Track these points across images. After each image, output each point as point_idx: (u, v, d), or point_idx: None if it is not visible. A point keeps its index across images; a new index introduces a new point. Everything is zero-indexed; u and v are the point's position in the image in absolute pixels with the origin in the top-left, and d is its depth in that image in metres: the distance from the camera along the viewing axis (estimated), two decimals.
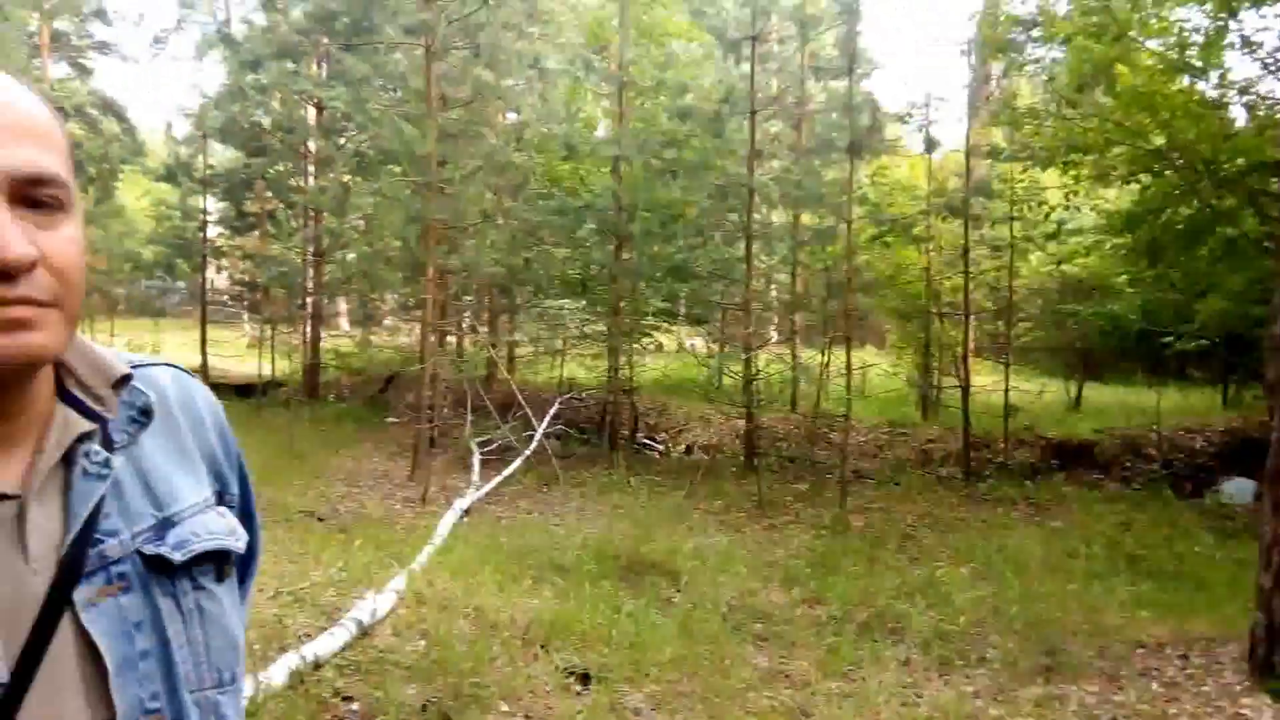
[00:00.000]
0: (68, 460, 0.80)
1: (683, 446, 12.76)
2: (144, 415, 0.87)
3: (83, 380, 0.84)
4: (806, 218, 13.24)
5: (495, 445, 10.63)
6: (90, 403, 0.83)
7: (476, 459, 9.98)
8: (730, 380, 12.04)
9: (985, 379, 12.07)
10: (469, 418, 11.57)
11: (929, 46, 48.88)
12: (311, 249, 15.95)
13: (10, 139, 0.72)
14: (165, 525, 0.85)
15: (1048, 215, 11.33)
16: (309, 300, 16.49)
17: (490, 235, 12.55)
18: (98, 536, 0.80)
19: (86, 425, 0.82)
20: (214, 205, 19.81)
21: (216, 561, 0.89)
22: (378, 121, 12.04)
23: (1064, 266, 13.21)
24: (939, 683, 4.76)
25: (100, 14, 27.99)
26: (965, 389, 10.92)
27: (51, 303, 0.73)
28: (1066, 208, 11.03)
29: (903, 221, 11.71)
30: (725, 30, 11.82)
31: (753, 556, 7.25)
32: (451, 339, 14.31)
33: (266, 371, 15.48)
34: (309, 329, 16.59)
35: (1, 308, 0.70)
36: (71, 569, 0.78)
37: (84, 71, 28.78)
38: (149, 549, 0.83)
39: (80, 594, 0.78)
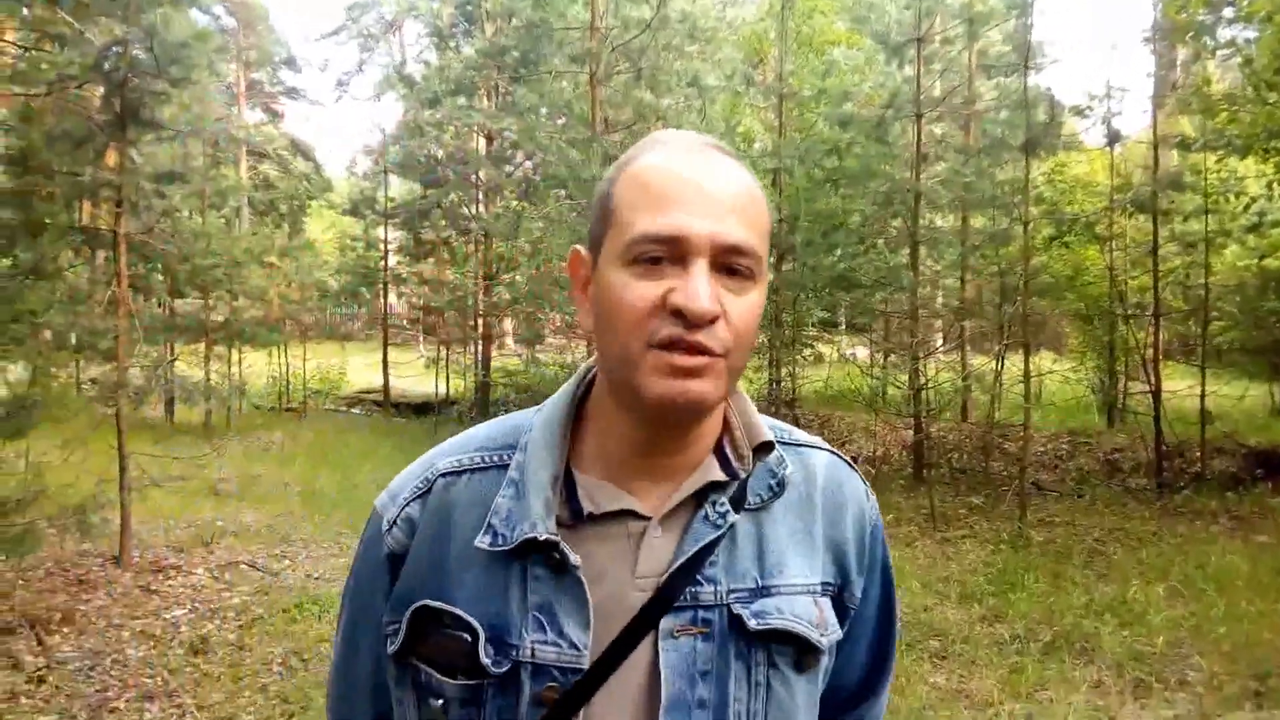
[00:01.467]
0: (698, 501, 0.91)
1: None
2: (778, 486, 0.94)
3: (735, 438, 0.95)
4: (977, 220, 12.76)
5: None
6: (733, 459, 0.94)
7: None
8: (896, 390, 11.73)
9: (1177, 383, 11.25)
10: None
11: (1107, 35, 46.07)
12: (482, 273, 16.69)
13: (725, 212, 0.84)
14: (760, 593, 0.91)
15: (1247, 207, 10.47)
16: (480, 321, 17.24)
17: None
18: (697, 578, 0.88)
19: (722, 477, 0.91)
20: (393, 235, 21.04)
21: (796, 647, 0.92)
22: (545, 148, 12.49)
23: (1265, 261, 12.16)
24: (1134, 706, 4.48)
25: (290, 62, 30.34)
26: (1156, 394, 10.22)
27: (721, 354, 0.83)
28: (1270, 198, 10.18)
29: (1084, 219, 11.11)
30: (888, 34, 11.56)
31: (925, 572, 7.04)
32: None
33: (441, 390, 16.27)
34: (480, 349, 17.33)
35: (675, 354, 0.82)
36: (665, 597, 0.87)
37: (275, 116, 31.27)
38: (736, 608, 0.89)
39: (666, 623, 0.87)
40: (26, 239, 9.72)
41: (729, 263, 0.84)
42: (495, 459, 0.94)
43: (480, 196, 18.00)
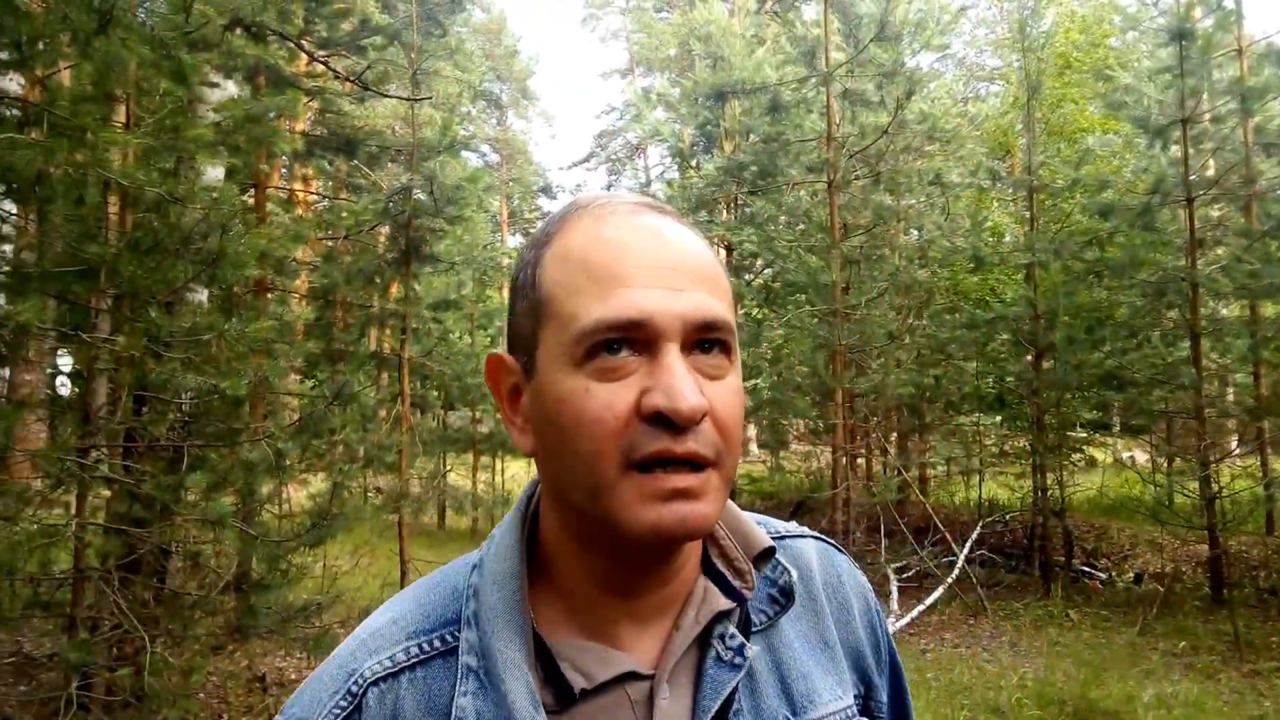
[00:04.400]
0: (702, 640, 0.74)
1: (1129, 575, 11.33)
2: (784, 596, 0.79)
3: (725, 551, 0.78)
4: (1268, 308, 11.48)
5: (913, 572, 10.26)
6: (730, 576, 0.77)
7: (894, 587, 9.68)
8: (1184, 498, 10.56)
9: None
10: (883, 543, 11.32)
11: None
12: None
13: (687, 282, 0.69)
14: None
15: None
16: None
17: (898, 355, 12.47)
18: None
19: (724, 603, 0.75)
20: None
21: None
22: (784, 256, 12.68)
23: None
24: None
25: (546, 190, 32.87)
26: None
27: (714, 461, 0.68)
28: None
29: None
30: (1148, 117, 10.89)
31: (1233, 709, 6.17)
32: (861, 461, 14.24)
33: None
34: None
35: (665, 473, 0.66)
36: None
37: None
38: None
39: None
40: (328, 364, 11.00)
41: (704, 340, 0.69)
42: (437, 644, 0.73)
43: None
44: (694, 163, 18.50)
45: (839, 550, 0.89)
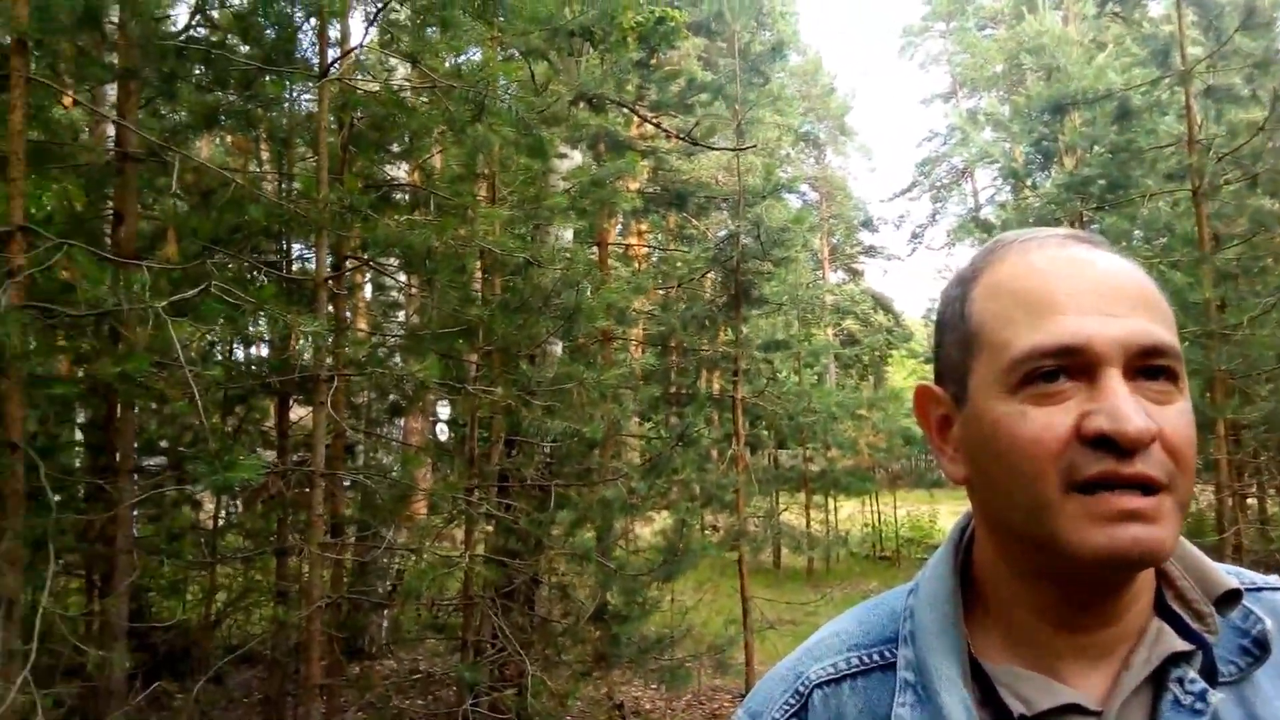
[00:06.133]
0: (1156, 682, 0.70)
1: None
2: (1258, 648, 0.72)
3: (1182, 592, 0.74)
4: None
5: None
6: (1189, 619, 0.72)
7: None
8: None
9: None
10: None
11: None
12: None
13: (1125, 309, 0.68)
14: None
15: None
16: None
17: None
18: None
19: (1182, 645, 0.71)
20: None
21: None
22: (1147, 271, 11.50)
23: None
24: None
25: (867, 224, 32.41)
26: None
27: (1166, 485, 0.65)
28: None
29: None
30: None
31: None
32: (1253, 502, 12.40)
33: None
34: None
35: (1112, 495, 0.64)
36: None
37: (856, 275, 33.32)
38: None
39: None
40: (665, 406, 11.56)
41: (1148, 367, 0.66)
42: (876, 658, 0.77)
43: None
44: (1029, 182, 17.38)
45: None
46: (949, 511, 21.27)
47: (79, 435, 6.41)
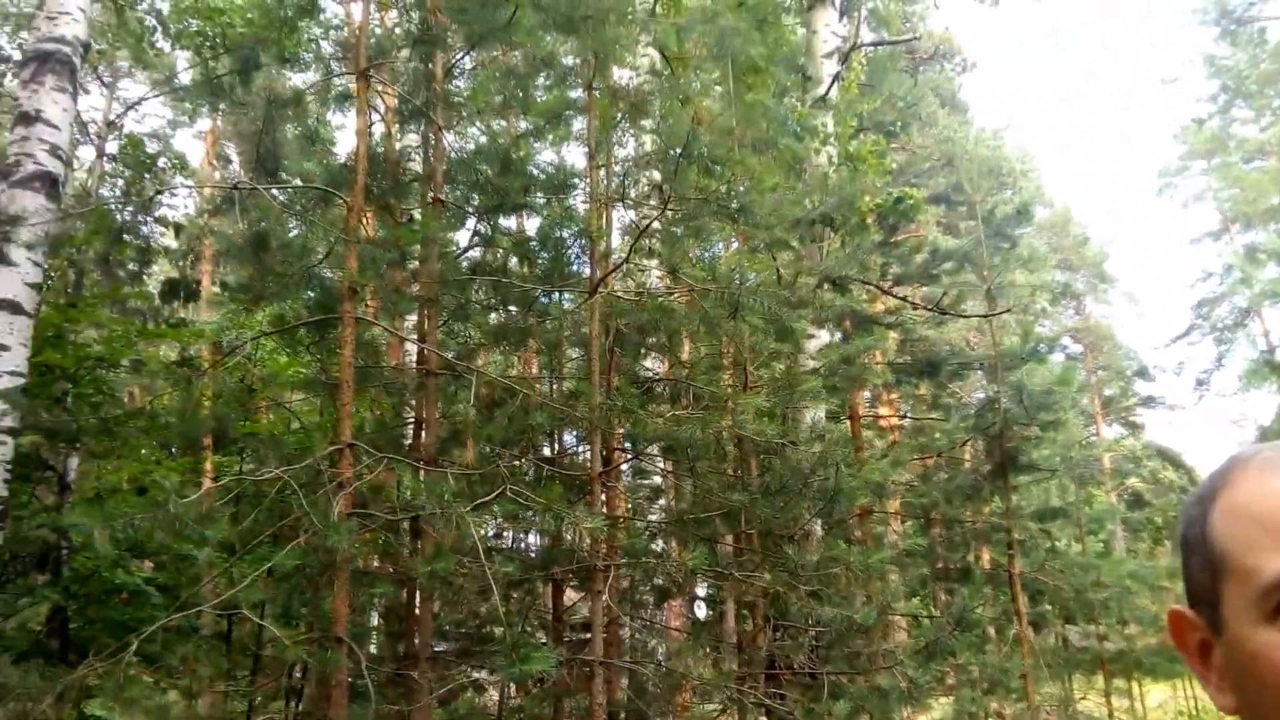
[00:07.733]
0: None
1: None
2: None
3: None
4: None
5: None
6: None
7: None
8: None
9: None
10: None
11: None
12: None
13: None
14: None
15: None
16: None
17: None
18: None
19: None
20: None
21: None
22: None
23: None
24: None
25: (1142, 372, 30.02)
26: None
27: None
28: None
29: None
30: None
31: None
32: None
33: None
34: None
35: None
36: None
37: (1135, 428, 30.66)
38: None
39: None
40: (932, 581, 11.00)
41: None
42: None
43: None
44: None
45: None
46: None
47: (375, 621, 7.04)
